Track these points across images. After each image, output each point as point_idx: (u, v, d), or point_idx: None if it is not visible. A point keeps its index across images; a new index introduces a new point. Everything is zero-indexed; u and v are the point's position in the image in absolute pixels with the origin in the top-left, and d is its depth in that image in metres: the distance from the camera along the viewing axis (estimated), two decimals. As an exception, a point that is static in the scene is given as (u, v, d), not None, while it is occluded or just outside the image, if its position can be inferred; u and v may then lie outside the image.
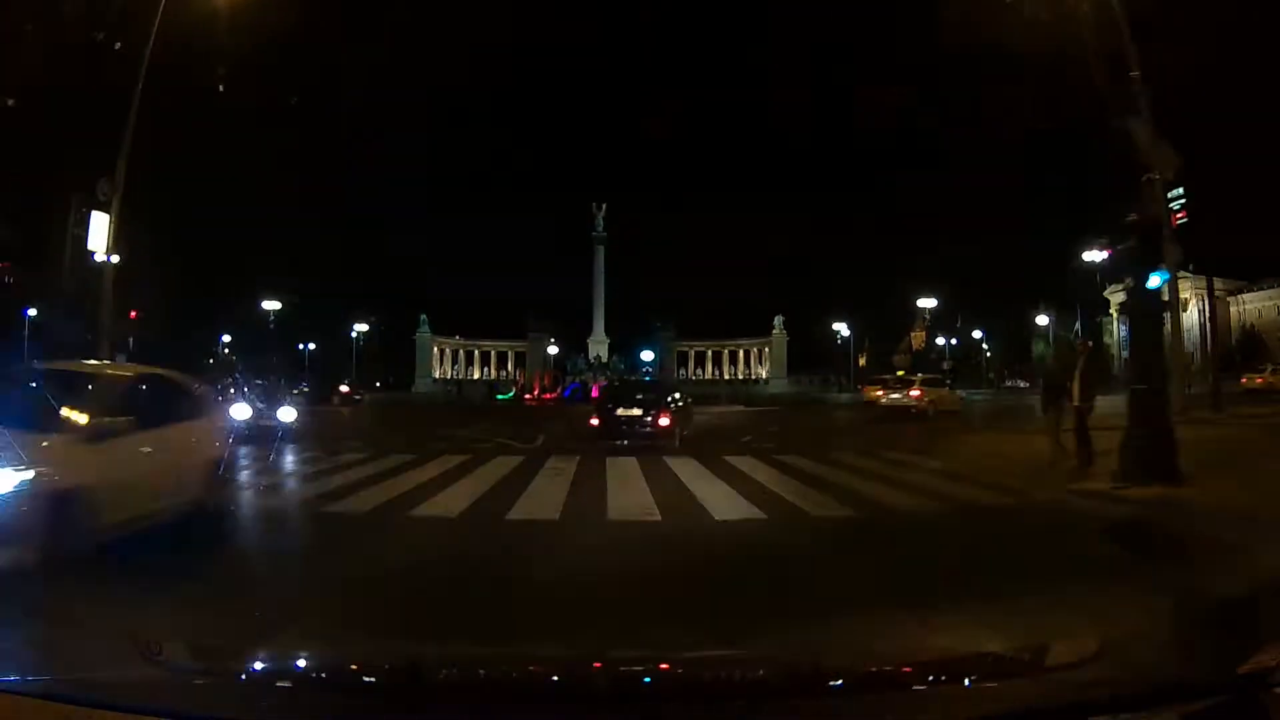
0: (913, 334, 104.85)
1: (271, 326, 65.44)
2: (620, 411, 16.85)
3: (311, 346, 70.58)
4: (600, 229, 66.24)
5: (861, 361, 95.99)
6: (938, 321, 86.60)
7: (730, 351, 75.01)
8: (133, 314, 24.78)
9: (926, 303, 74.10)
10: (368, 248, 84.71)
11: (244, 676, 2.23)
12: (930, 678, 2.08)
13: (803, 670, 2.28)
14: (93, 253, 16.52)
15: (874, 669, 2.33)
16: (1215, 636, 2.54)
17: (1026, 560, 6.50)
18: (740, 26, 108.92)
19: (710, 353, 74.79)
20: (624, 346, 67.76)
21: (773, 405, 42.92)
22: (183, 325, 68.52)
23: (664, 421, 16.41)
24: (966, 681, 2.05)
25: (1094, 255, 53.35)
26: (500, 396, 55.22)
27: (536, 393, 55.94)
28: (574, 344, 66.98)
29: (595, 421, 17.17)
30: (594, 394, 53.45)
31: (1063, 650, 2.33)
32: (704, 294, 76.48)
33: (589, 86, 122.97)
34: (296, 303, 64.84)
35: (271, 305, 64.52)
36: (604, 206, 66.27)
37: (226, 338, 67.91)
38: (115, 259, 16.19)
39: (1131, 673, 2.05)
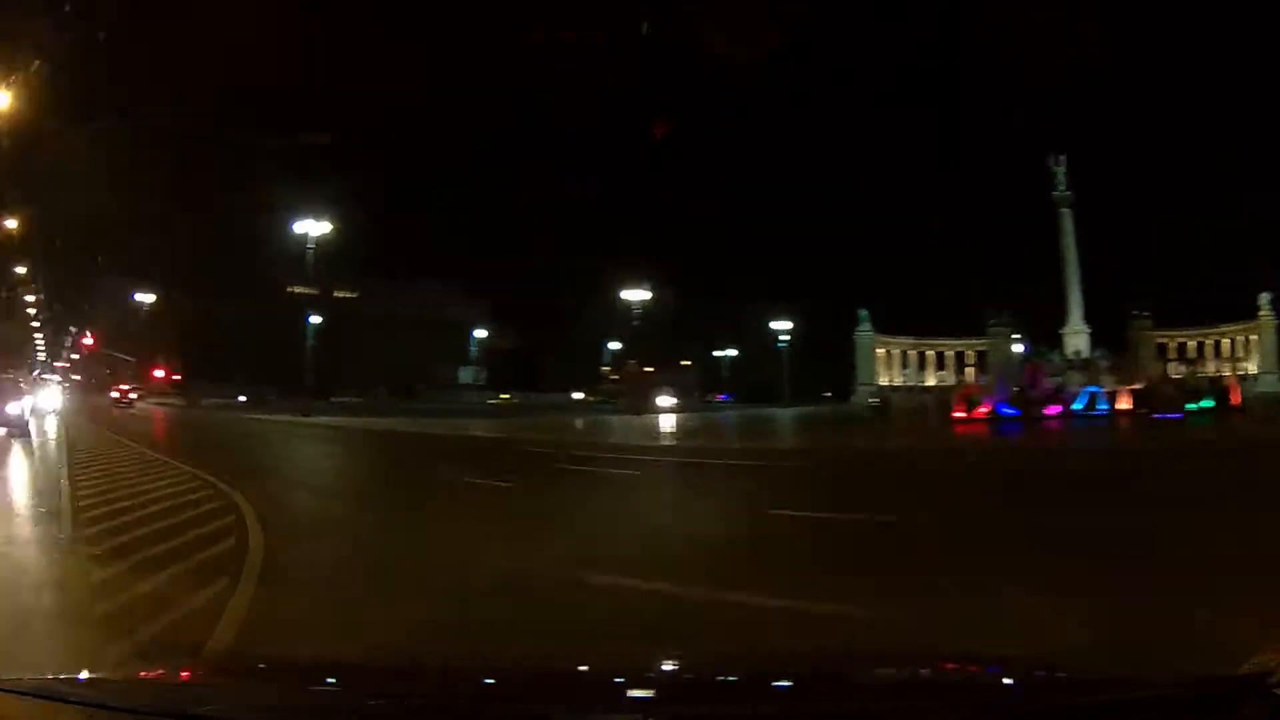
0: None
1: (635, 323, 58.31)
2: None
3: (733, 352, 61.78)
4: (1062, 188, 51.77)
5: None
6: None
7: (1215, 342, 57.64)
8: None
9: None
10: (789, 231, 66.76)
11: (243, 677, 2.21)
12: (932, 679, 2.08)
13: (806, 672, 2.26)
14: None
15: (876, 670, 2.30)
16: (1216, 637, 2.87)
17: None
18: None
19: (1195, 343, 57.72)
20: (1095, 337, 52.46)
21: None
22: (571, 330, 63.33)
23: None
24: (968, 682, 2.04)
25: None
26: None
27: (964, 410, 35.75)
28: (1040, 337, 52.47)
29: None
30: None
31: (1063, 651, 2.46)
32: (1176, 270, 56.67)
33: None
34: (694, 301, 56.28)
35: (634, 296, 57.24)
36: (1064, 159, 51.76)
37: (615, 345, 61.02)
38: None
39: (1131, 673, 2.12)
